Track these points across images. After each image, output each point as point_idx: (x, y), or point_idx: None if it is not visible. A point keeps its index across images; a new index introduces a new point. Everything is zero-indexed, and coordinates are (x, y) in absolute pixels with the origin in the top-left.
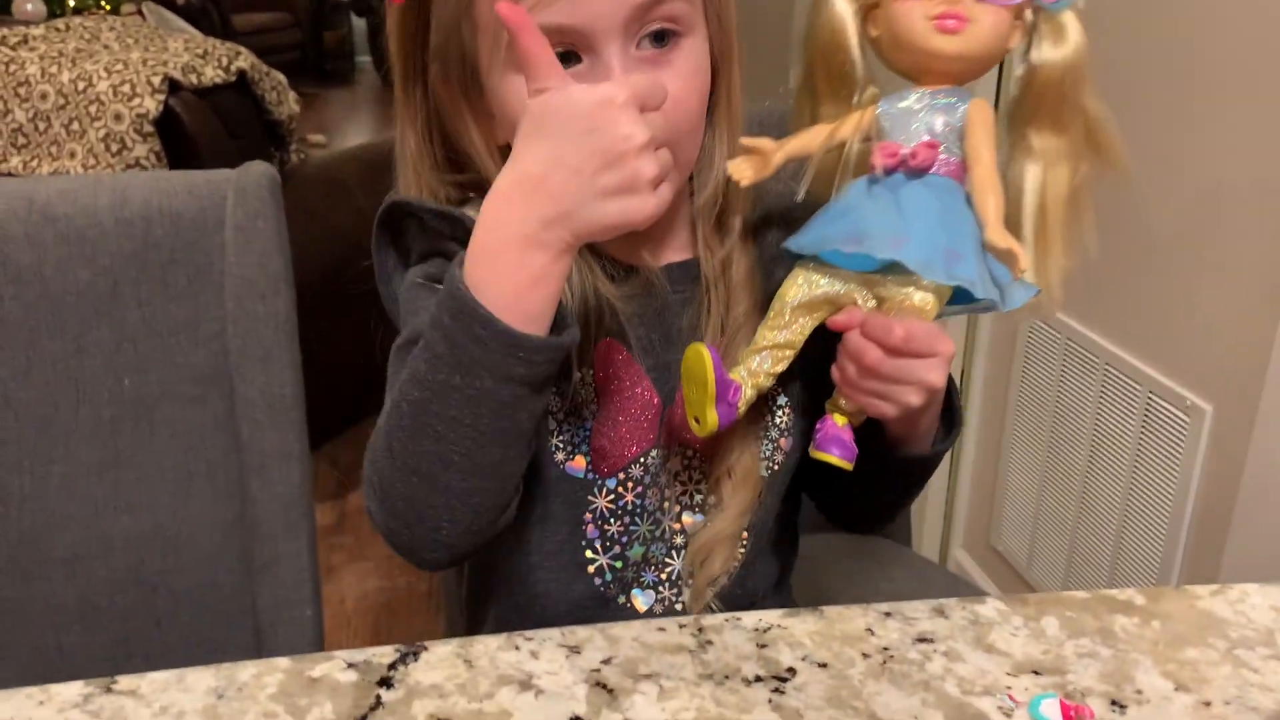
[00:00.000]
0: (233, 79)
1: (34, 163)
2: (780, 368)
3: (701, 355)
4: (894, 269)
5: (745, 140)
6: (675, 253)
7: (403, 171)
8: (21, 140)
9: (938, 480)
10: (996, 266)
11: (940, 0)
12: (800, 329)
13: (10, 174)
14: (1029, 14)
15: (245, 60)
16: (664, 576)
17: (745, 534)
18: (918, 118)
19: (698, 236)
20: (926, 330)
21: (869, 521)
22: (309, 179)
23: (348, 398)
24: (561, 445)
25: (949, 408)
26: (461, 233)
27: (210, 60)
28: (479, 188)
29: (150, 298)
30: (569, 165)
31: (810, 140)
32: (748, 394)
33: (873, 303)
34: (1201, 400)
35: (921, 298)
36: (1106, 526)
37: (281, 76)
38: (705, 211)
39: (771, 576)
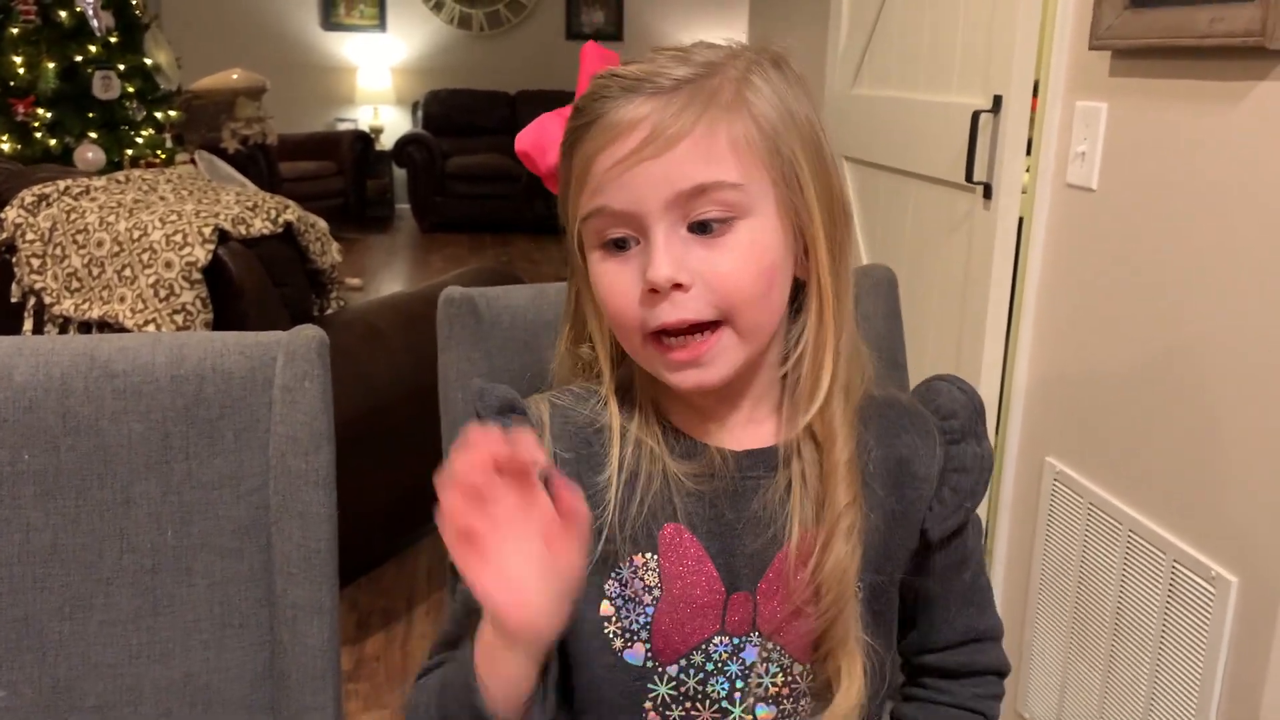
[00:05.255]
0: (279, 230)
1: (85, 305)
2: None
3: None
4: None
5: None
6: (753, 439)
7: (559, 334)
8: (76, 284)
9: None
10: None
11: None
12: None
13: (63, 316)
14: None
15: (292, 213)
16: None
17: None
18: None
19: (781, 423)
20: None
21: None
22: (346, 324)
23: (371, 542)
24: (620, 632)
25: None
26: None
27: (259, 212)
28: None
29: (197, 451)
30: None
31: None
32: None
33: None
34: (1227, 571)
35: None
36: (1135, 695)
37: (325, 225)
38: (799, 395)
39: None
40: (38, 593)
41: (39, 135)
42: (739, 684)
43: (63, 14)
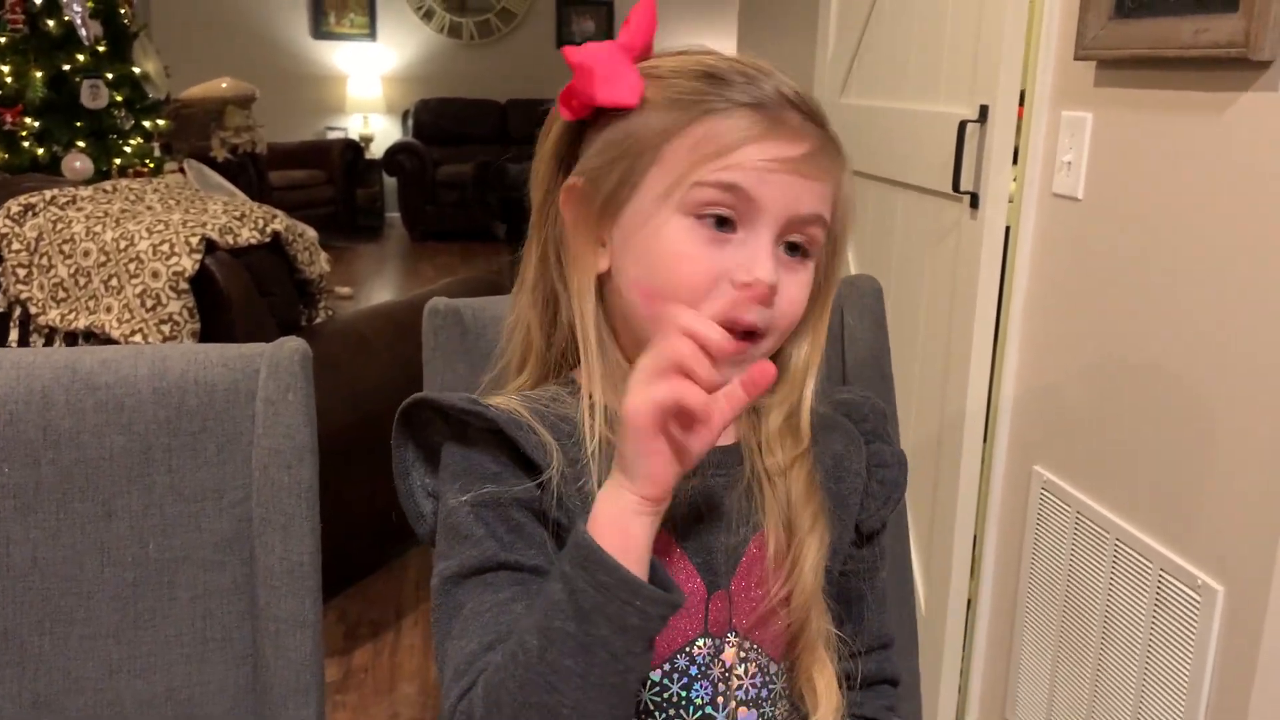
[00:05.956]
0: (267, 240)
1: (71, 315)
2: None
3: None
4: None
5: None
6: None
7: (515, 299)
8: (62, 294)
9: (951, 651)
10: None
11: None
12: None
13: (49, 326)
14: None
15: (280, 222)
16: None
17: None
18: None
19: (741, 421)
20: None
21: None
22: (334, 334)
23: (358, 554)
24: None
25: None
26: (484, 423)
27: (247, 222)
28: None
29: (180, 464)
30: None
31: None
32: None
33: None
34: (1213, 580)
35: None
36: (1123, 704)
37: (314, 235)
38: (773, 410)
39: None
40: (17, 607)
41: (26, 144)
42: (720, 687)
43: (51, 23)
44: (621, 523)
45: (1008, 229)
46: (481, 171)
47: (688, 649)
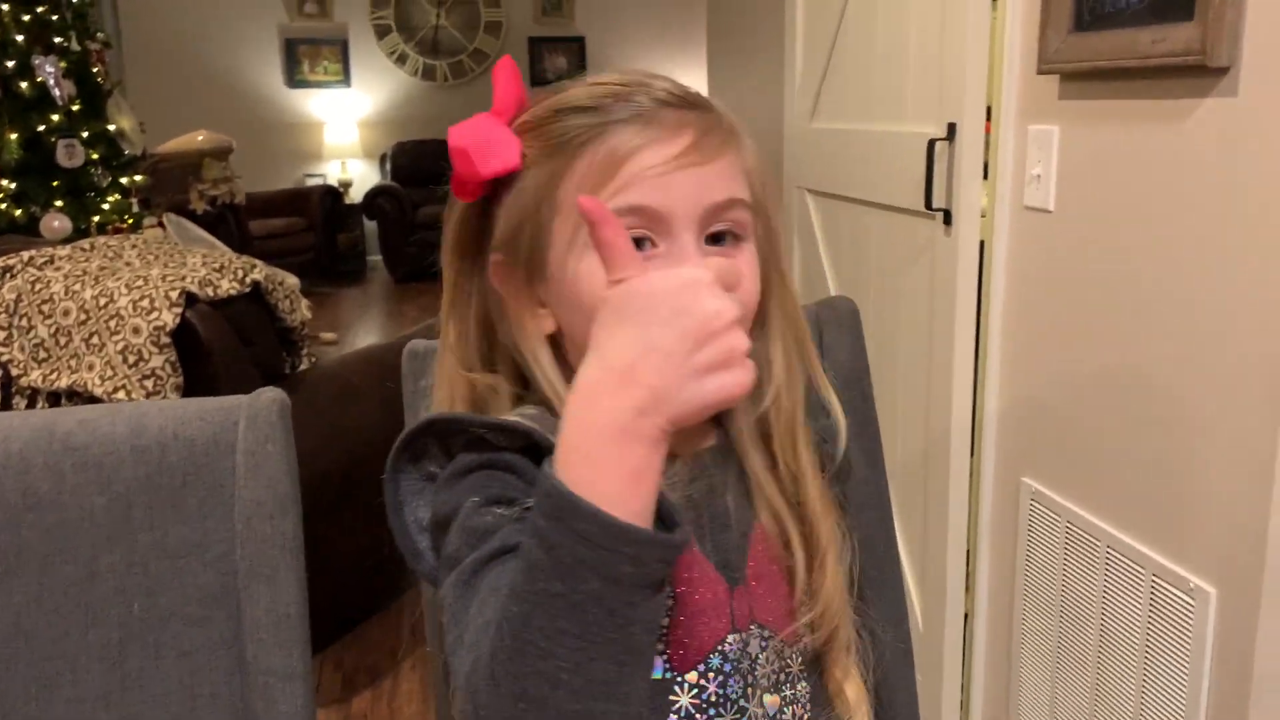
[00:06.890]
0: (247, 290)
1: (53, 375)
2: None
3: None
4: None
5: None
6: (702, 438)
7: (440, 360)
8: (43, 354)
9: (951, 664)
10: None
11: None
12: None
13: (31, 387)
14: None
15: (260, 272)
16: None
17: None
18: None
19: (721, 421)
20: None
21: None
22: (318, 380)
23: (352, 599)
24: None
25: None
26: (520, 442)
27: (227, 274)
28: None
29: (161, 521)
30: (661, 349)
31: None
32: None
33: None
34: (1205, 583)
35: None
36: (1124, 709)
37: (295, 282)
38: (769, 415)
39: None
40: (2, 673)
41: (4, 206)
42: (749, 678)
43: (24, 85)
44: (627, 448)
45: (982, 244)
46: None
47: (720, 648)
